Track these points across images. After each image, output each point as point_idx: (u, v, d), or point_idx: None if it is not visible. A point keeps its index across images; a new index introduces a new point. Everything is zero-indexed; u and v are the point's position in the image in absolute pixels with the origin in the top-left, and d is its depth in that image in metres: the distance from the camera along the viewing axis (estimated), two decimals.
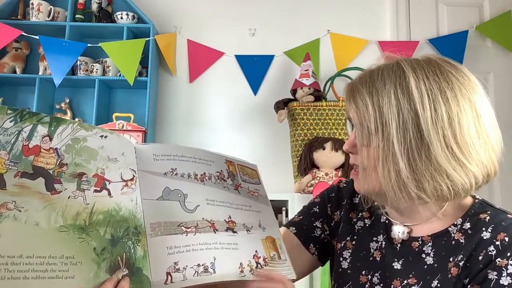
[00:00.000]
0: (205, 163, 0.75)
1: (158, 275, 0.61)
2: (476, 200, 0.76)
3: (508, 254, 0.66)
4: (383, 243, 0.79)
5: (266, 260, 0.72)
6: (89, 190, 0.60)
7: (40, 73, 2.33)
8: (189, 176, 0.72)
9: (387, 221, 0.81)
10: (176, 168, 0.71)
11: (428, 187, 0.66)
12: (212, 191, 0.73)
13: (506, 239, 0.67)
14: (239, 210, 0.75)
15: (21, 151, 0.56)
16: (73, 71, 2.32)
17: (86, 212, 0.59)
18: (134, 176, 0.66)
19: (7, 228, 0.52)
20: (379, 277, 0.77)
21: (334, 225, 0.88)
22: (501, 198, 2.32)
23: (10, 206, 0.53)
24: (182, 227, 0.66)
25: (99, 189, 0.61)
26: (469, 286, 0.67)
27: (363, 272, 0.79)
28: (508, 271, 0.65)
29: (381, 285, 0.76)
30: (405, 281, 0.73)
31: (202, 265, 0.64)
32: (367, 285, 0.77)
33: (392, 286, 0.74)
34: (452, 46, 2.38)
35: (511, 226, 0.69)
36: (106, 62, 2.35)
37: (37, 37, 2.21)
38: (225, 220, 0.72)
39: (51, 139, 0.59)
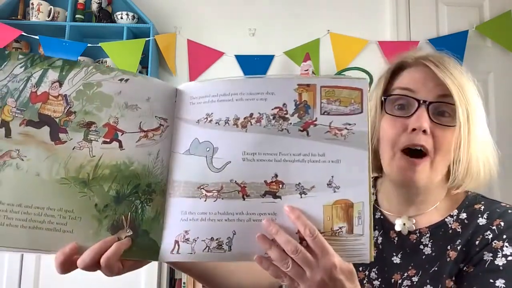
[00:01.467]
0: (257, 99, 0.58)
1: (167, 242, 0.55)
2: (469, 193, 0.78)
3: (504, 236, 0.68)
4: (380, 238, 0.80)
5: (322, 235, 0.54)
6: (97, 141, 0.56)
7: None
8: (226, 122, 0.57)
9: (382, 217, 0.81)
10: (212, 113, 0.58)
11: (493, 165, 0.76)
12: (257, 140, 0.57)
13: (502, 223, 0.69)
14: (298, 163, 0.56)
15: (29, 98, 0.55)
16: None
17: (91, 165, 0.55)
18: (161, 125, 0.58)
19: (8, 176, 0.52)
20: (376, 272, 0.78)
21: None
22: (501, 198, 2.32)
23: (14, 155, 0.53)
24: (202, 189, 0.56)
25: (108, 140, 0.57)
26: (465, 268, 0.69)
27: (360, 269, 0.79)
28: (504, 252, 0.66)
29: (380, 279, 0.77)
30: (405, 274, 0.74)
31: (217, 239, 0.54)
32: (364, 281, 0.78)
33: (392, 280, 0.75)
34: (452, 46, 2.38)
35: (506, 213, 0.71)
36: (106, 62, 2.35)
37: (37, 37, 2.21)
38: (265, 181, 0.56)
39: (61, 85, 0.56)
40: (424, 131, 0.67)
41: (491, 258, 0.67)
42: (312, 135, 0.57)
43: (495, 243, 0.68)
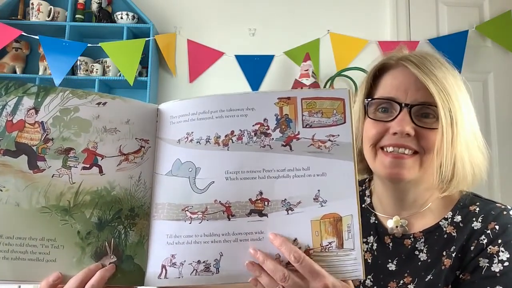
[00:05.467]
0: (237, 115, 0.56)
1: (154, 266, 0.55)
2: (464, 193, 0.77)
3: (499, 241, 0.66)
4: (374, 244, 0.78)
5: (311, 252, 0.53)
6: (76, 167, 0.56)
7: (40, 73, 2.32)
8: (207, 140, 0.56)
9: (376, 221, 0.80)
10: (192, 132, 0.57)
11: (480, 165, 0.72)
12: (238, 158, 0.56)
13: (497, 227, 0.68)
14: (283, 179, 0.55)
15: (4, 127, 0.54)
16: (73, 71, 2.31)
17: (71, 192, 0.55)
18: (141, 147, 0.58)
19: None
20: (372, 279, 0.76)
21: None
22: (501, 198, 2.32)
23: None
24: (187, 211, 0.55)
25: (88, 166, 0.56)
26: (461, 275, 0.67)
27: None
28: (500, 258, 0.65)
29: (375, 287, 0.75)
30: (401, 281, 0.73)
31: (204, 262, 0.54)
32: None
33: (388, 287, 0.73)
34: (452, 46, 2.38)
35: (501, 215, 0.69)
36: (106, 62, 2.35)
37: (37, 37, 2.21)
38: (250, 199, 0.55)
39: (37, 112, 0.55)
40: (408, 135, 0.67)
41: (487, 265, 0.65)
42: (295, 149, 0.56)
43: (490, 248, 0.66)
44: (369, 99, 0.72)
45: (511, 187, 2.35)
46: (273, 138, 0.56)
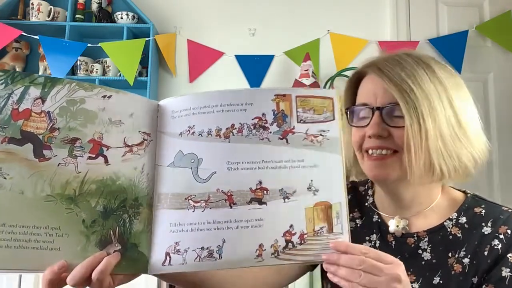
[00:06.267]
0: (237, 109, 0.60)
1: (158, 254, 0.56)
2: (468, 195, 0.77)
3: None
4: (377, 242, 0.79)
5: (305, 236, 0.57)
6: (82, 157, 0.56)
7: (40, 73, 2.32)
8: (209, 133, 0.59)
9: (379, 220, 0.81)
10: (194, 125, 0.60)
11: (467, 155, 0.70)
12: (239, 150, 0.59)
13: (509, 231, 0.68)
14: (280, 169, 0.59)
15: (10, 115, 0.54)
16: (73, 71, 2.31)
17: (77, 181, 0.55)
18: (144, 140, 0.60)
19: None
20: None
21: None
22: (501, 198, 2.32)
23: None
24: (190, 200, 0.57)
25: (94, 155, 0.57)
26: (483, 286, 0.67)
27: None
28: None
29: None
30: None
31: (207, 248, 0.56)
32: None
33: None
34: (452, 46, 2.38)
35: (510, 218, 0.70)
36: (106, 62, 2.35)
37: (37, 37, 2.21)
38: (251, 188, 0.58)
39: (43, 102, 0.56)
40: (380, 136, 0.70)
41: (510, 274, 0.65)
42: (291, 142, 0.60)
43: (510, 256, 0.66)
44: (347, 108, 0.77)
45: (511, 187, 2.35)
46: (271, 132, 0.60)
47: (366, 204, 0.85)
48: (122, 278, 0.57)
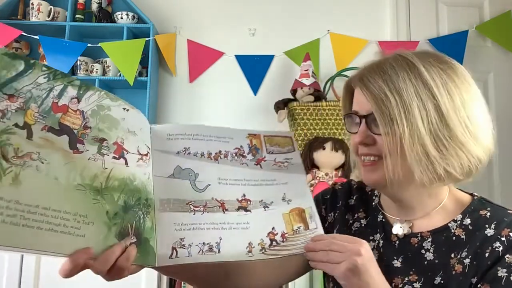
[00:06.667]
0: (221, 141, 0.75)
1: (164, 249, 0.63)
2: (475, 197, 0.77)
3: None
4: (381, 241, 0.79)
5: (286, 235, 0.70)
6: (108, 155, 0.62)
7: None
8: (202, 155, 0.72)
9: (384, 220, 0.81)
10: (189, 148, 0.72)
11: (455, 163, 0.69)
12: (226, 170, 0.73)
13: (511, 234, 0.68)
14: (258, 186, 0.74)
15: (51, 107, 0.58)
16: (73, 71, 2.31)
17: (104, 176, 0.60)
18: (148, 152, 0.67)
19: (28, 177, 0.53)
20: None
21: (328, 226, 0.89)
22: (501, 198, 2.33)
23: (34, 157, 0.55)
24: (190, 205, 0.68)
25: (117, 156, 0.63)
26: (479, 285, 0.67)
27: None
28: None
29: None
30: (406, 278, 0.73)
31: (207, 244, 0.65)
32: None
33: (393, 284, 0.74)
34: (452, 46, 2.38)
35: None
36: (106, 62, 2.35)
37: (37, 37, 2.22)
38: (237, 199, 0.71)
39: (79, 101, 0.61)
40: (366, 143, 0.73)
41: (506, 275, 0.65)
42: (264, 167, 0.76)
43: (508, 257, 0.66)
44: (344, 117, 0.80)
45: (511, 187, 2.35)
46: (248, 159, 0.76)
47: (373, 204, 0.85)
48: (133, 269, 0.60)
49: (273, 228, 0.70)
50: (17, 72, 0.56)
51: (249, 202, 0.72)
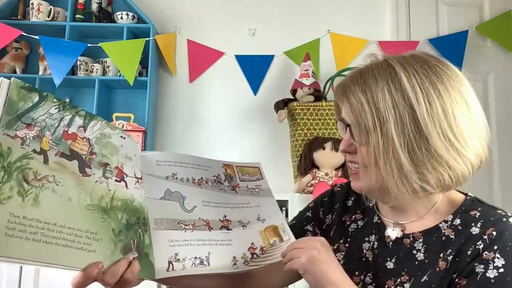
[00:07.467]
0: (202, 169, 0.84)
1: (161, 263, 0.69)
2: (468, 198, 0.76)
3: (495, 247, 0.66)
4: (375, 243, 0.80)
5: (264, 248, 0.81)
6: (111, 178, 0.69)
7: (40, 73, 2.33)
8: (187, 180, 0.81)
9: (379, 221, 0.81)
10: (176, 173, 0.80)
11: (431, 178, 0.68)
12: (209, 194, 0.82)
13: (494, 233, 0.67)
14: (236, 208, 0.83)
15: (62, 135, 0.65)
16: (73, 71, 2.31)
17: (109, 197, 0.67)
18: (142, 176, 0.74)
19: (47, 198, 0.59)
20: (371, 277, 0.77)
21: (326, 228, 0.89)
22: (501, 197, 2.33)
23: (50, 179, 0.60)
24: (181, 224, 0.75)
25: (119, 179, 0.70)
26: (456, 279, 0.67)
27: (356, 273, 0.79)
28: (495, 264, 0.64)
29: (374, 284, 0.76)
30: (398, 280, 0.73)
31: (199, 258, 0.74)
32: (359, 285, 0.78)
33: (386, 286, 0.74)
34: (452, 46, 2.38)
35: (500, 221, 0.68)
36: (106, 62, 2.35)
37: (37, 37, 2.21)
38: (220, 219, 0.80)
39: (85, 130, 0.68)
40: (349, 152, 0.75)
41: (483, 270, 0.65)
42: (238, 192, 0.86)
43: (485, 254, 0.65)
44: (336, 121, 0.83)
45: (511, 187, 2.35)
46: (225, 185, 0.86)
47: (370, 205, 0.85)
48: (136, 281, 0.66)
49: (252, 243, 0.80)
50: (33, 103, 0.61)
51: (229, 222, 0.81)
